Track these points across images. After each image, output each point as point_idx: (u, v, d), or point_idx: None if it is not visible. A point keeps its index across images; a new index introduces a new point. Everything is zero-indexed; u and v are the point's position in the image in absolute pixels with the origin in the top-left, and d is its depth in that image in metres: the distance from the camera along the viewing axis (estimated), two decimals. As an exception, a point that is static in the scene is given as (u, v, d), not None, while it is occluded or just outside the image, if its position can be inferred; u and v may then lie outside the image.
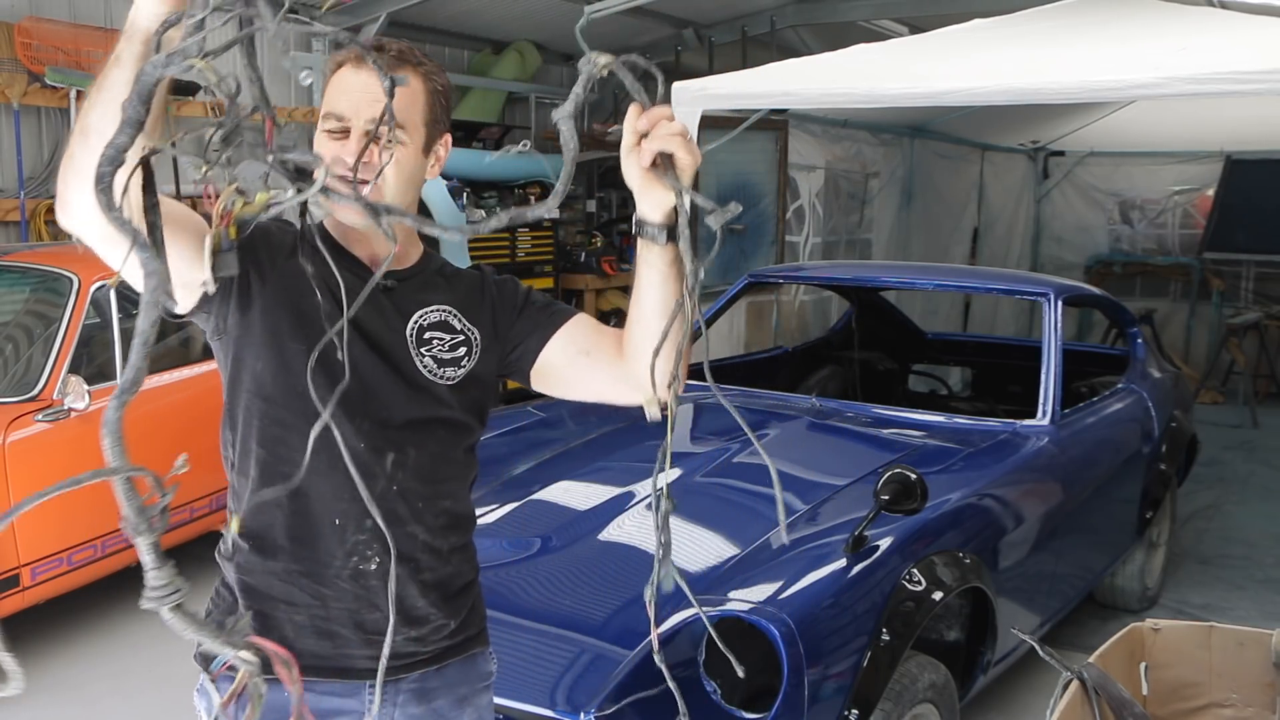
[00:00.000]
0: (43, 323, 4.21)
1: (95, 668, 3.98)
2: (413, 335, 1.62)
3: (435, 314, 1.65)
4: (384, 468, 1.57)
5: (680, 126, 1.30)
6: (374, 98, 1.51)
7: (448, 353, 1.64)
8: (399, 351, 1.60)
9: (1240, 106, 6.99)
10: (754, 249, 6.57)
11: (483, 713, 1.72)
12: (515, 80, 8.81)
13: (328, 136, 1.54)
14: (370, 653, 1.57)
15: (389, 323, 1.61)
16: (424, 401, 1.61)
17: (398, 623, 1.57)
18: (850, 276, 5.11)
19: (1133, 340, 4.91)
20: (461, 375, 1.64)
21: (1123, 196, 10.06)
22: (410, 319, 1.63)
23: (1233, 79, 4.18)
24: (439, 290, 1.67)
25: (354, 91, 1.53)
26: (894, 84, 5.04)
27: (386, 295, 1.62)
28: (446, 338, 1.64)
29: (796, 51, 7.67)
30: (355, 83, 1.54)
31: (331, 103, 1.56)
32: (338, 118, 1.54)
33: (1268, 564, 5.29)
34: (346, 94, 1.54)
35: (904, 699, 2.69)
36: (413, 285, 1.65)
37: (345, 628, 1.57)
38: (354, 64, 1.55)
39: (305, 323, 1.53)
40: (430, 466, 1.62)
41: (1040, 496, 3.57)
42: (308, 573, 1.56)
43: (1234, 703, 2.65)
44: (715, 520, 3.07)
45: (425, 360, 1.62)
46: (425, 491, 1.61)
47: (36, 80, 5.63)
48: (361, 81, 1.53)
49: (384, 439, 1.57)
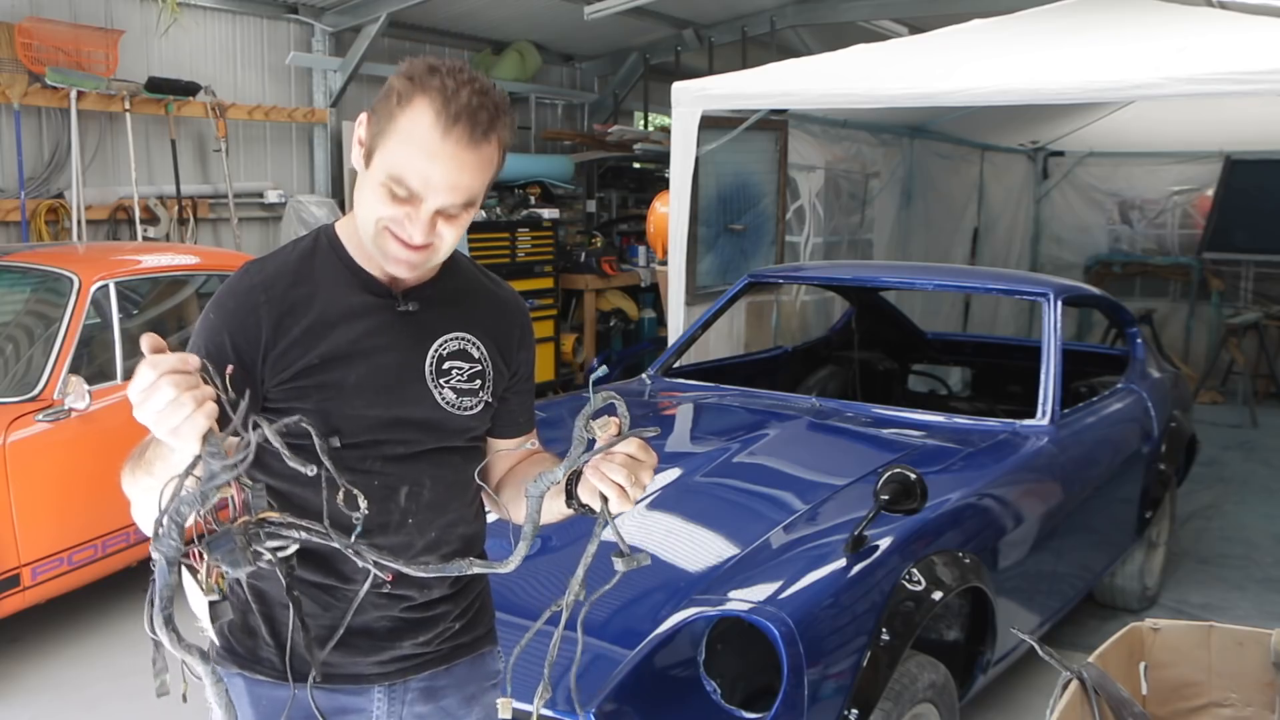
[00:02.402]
0: (43, 323, 4.21)
1: (95, 668, 3.98)
2: (433, 367, 1.56)
3: (455, 342, 1.59)
4: (398, 501, 1.54)
5: (623, 475, 1.39)
6: (454, 183, 1.40)
7: (466, 383, 1.59)
8: (418, 387, 1.55)
9: (1240, 106, 7.00)
10: (754, 249, 6.57)
11: (490, 711, 1.72)
12: (515, 80, 8.81)
13: (387, 193, 1.41)
14: (380, 658, 1.58)
15: (408, 354, 1.55)
16: (441, 434, 1.57)
17: (406, 630, 1.60)
18: (850, 277, 5.11)
19: (1132, 340, 4.91)
20: (479, 406, 1.61)
21: (1122, 197, 10.06)
22: (430, 349, 1.56)
23: (1233, 79, 4.18)
24: (460, 309, 1.61)
25: (434, 172, 1.39)
26: (894, 84, 5.05)
27: (407, 320, 1.55)
28: (465, 366, 1.59)
29: (796, 51, 7.67)
30: (437, 159, 1.39)
31: (402, 167, 1.39)
32: (409, 190, 1.40)
33: (1267, 564, 5.29)
34: (424, 171, 1.39)
35: (904, 699, 2.69)
36: (433, 306, 1.58)
37: (356, 637, 1.56)
38: (437, 122, 1.38)
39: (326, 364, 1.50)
40: (446, 496, 1.60)
41: (1040, 496, 3.57)
42: (325, 588, 1.54)
43: (1233, 702, 2.65)
44: (715, 520, 3.07)
45: (445, 393, 1.57)
46: (440, 520, 1.59)
47: (37, 80, 5.63)
48: (445, 158, 1.39)
49: (399, 473, 1.54)
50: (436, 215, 1.42)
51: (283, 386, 1.48)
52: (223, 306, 1.49)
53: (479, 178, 1.43)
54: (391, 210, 1.42)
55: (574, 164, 9.04)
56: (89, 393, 3.94)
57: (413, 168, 1.39)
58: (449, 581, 1.62)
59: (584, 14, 7.95)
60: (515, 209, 8.08)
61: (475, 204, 1.46)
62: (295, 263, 1.54)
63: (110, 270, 4.35)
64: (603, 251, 8.80)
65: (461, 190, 1.41)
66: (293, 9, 7.17)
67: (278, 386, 1.48)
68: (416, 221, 1.42)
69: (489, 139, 1.42)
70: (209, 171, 6.79)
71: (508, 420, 1.69)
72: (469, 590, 1.69)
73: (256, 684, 1.57)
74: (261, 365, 1.46)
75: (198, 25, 6.64)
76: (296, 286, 1.51)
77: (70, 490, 3.95)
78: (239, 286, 1.50)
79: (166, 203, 6.33)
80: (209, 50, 6.76)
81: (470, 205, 1.45)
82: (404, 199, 1.41)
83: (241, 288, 1.50)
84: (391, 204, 1.42)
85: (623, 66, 9.88)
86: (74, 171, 5.80)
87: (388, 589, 1.53)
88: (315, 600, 1.54)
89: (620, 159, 9.47)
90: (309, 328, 1.49)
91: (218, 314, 1.49)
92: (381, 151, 1.42)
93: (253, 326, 1.47)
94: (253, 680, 1.57)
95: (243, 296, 1.49)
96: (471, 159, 1.41)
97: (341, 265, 1.54)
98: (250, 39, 7.03)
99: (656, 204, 7.54)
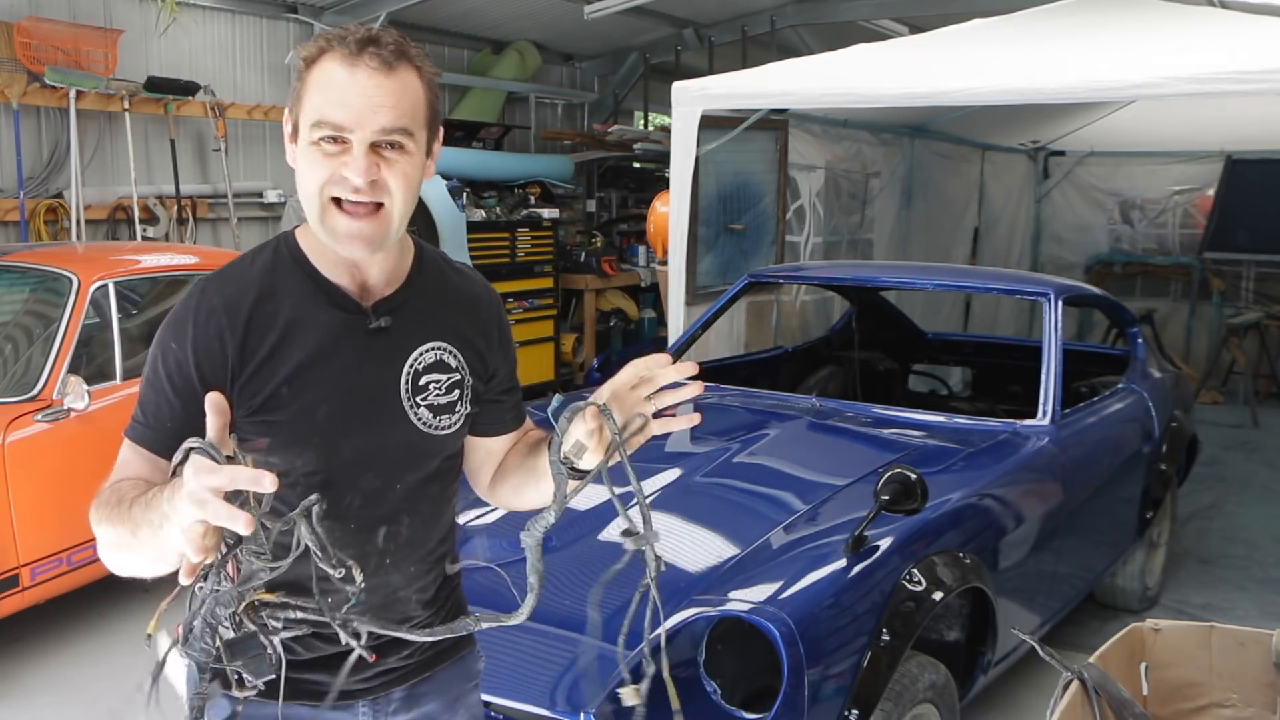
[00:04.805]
0: (42, 323, 4.21)
1: (95, 668, 3.98)
2: (408, 384, 1.49)
3: (432, 353, 1.52)
4: (375, 544, 1.47)
5: None
6: (378, 103, 1.35)
7: (443, 397, 1.52)
8: (393, 410, 1.48)
9: (1240, 106, 6.99)
10: (754, 249, 6.57)
11: (474, 710, 1.72)
12: (515, 80, 8.81)
13: (318, 150, 1.36)
14: (364, 675, 1.56)
15: (381, 375, 1.47)
16: (417, 460, 1.51)
17: (390, 648, 1.56)
18: (850, 276, 5.11)
19: (1133, 340, 4.90)
20: (457, 423, 1.54)
21: (1123, 196, 10.05)
22: (405, 364, 1.49)
23: (1233, 79, 4.18)
24: (433, 316, 1.54)
25: (352, 97, 1.34)
26: (894, 84, 5.04)
27: (378, 337, 1.46)
28: (442, 378, 1.52)
29: (796, 51, 7.67)
30: (352, 86, 1.35)
31: (321, 109, 1.35)
32: (334, 128, 1.35)
33: (1268, 564, 5.29)
34: (343, 100, 1.34)
35: (904, 699, 2.69)
36: (407, 317, 1.50)
37: (343, 659, 1.53)
38: (344, 60, 1.35)
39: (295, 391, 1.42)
40: (424, 531, 1.54)
41: (1040, 496, 3.57)
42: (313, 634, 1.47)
43: (1234, 703, 2.65)
44: (715, 520, 3.07)
45: (421, 412, 1.50)
46: (418, 554, 1.54)
47: (36, 80, 5.63)
48: (359, 84, 1.35)
49: (374, 515, 1.46)
50: (373, 152, 1.36)
51: (252, 419, 1.40)
52: (181, 332, 1.41)
53: (403, 101, 1.37)
54: (328, 166, 1.36)
55: (574, 164, 9.04)
56: (88, 393, 3.94)
57: (331, 102, 1.35)
58: (426, 600, 1.59)
59: (584, 13, 7.95)
60: (515, 209, 8.07)
61: (415, 145, 1.39)
62: (258, 279, 1.45)
63: (109, 270, 4.35)
64: (603, 251, 8.80)
65: (386, 111, 1.35)
66: (292, 8, 7.17)
67: (247, 418, 1.40)
68: (353, 163, 1.35)
69: (402, 62, 1.37)
70: (208, 171, 6.78)
71: (494, 419, 1.65)
72: (443, 600, 1.64)
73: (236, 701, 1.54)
74: (230, 391, 1.38)
75: (197, 25, 6.64)
76: (260, 304, 1.43)
77: (69, 490, 3.94)
78: (199, 310, 1.42)
79: (166, 202, 6.33)
80: (208, 50, 6.76)
81: (407, 137, 1.38)
82: (336, 145, 1.35)
83: (202, 311, 1.41)
84: (326, 160, 1.36)
85: (623, 66, 9.88)
86: (73, 171, 5.80)
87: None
88: (300, 642, 1.48)
89: (620, 159, 9.46)
90: (275, 349, 1.41)
91: (178, 341, 1.40)
92: (303, 114, 1.37)
93: (217, 353, 1.39)
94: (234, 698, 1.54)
95: (204, 321, 1.40)
96: (388, 83, 1.36)
97: (305, 277, 1.46)
98: (249, 38, 7.03)
99: (656, 204, 7.54)
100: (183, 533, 1.08)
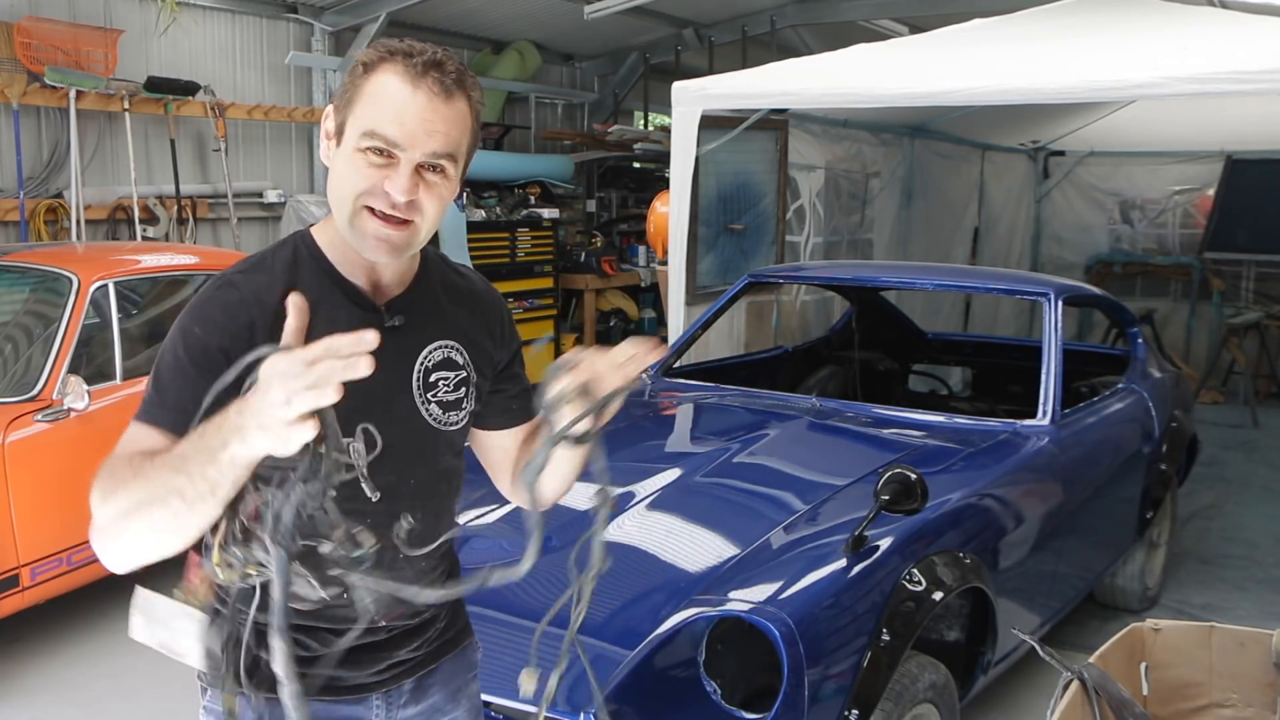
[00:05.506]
0: (42, 323, 4.21)
1: (95, 668, 3.98)
2: (419, 381, 1.53)
3: (440, 351, 1.56)
4: (390, 538, 1.47)
5: None
6: (432, 129, 1.38)
7: (452, 394, 1.56)
8: (406, 406, 1.52)
9: (1240, 106, 7.00)
10: (754, 249, 6.57)
11: (474, 699, 1.76)
12: (515, 80, 8.81)
13: (364, 159, 1.38)
14: (378, 668, 1.60)
15: (393, 373, 1.49)
16: (428, 457, 1.55)
17: (403, 639, 1.61)
18: (850, 276, 5.11)
19: (1133, 340, 4.90)
20: (463, 419, 1.59)
21: (1123, 196, 10.05)
22: (416, 361, 1.53)
23: (1233, 79, 4.18)
24: (441, 315, 1.58)
25: (409, 117, 1.37)
26: (894, 84, 5.04)
27: (392, 335, 1.47)
28: (451, 376, 1.56)
29: (796, 51, 7.68)
30: (411, 106, 1.37)
31: (377, 121, 1.37)
32: (386, 142, 1.37)
33: (1268, 564, 5.29)
34: (400, 118, 1.37)
35: (904, 699, 2.69)
36: (417, 316, 1.54)
37: (359, 651, 1.55)
38: (407, 77, 1.38)
39: None
40: (434, 525, 1.57)
41: (1040, 496, 3.57)
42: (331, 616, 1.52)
43: (1234, 703, 2.65)
44: (715, 520, 3.07)
45: (431, 408, 1.54)
46: (427, 547, 1.55)
47: (36, 80, 5.63)
48: (419, 105, 1.37)
49: (390, 510, 1.47)
50: (418, 172, 1.39)
51: None
52: (207, 318, 1.41)
53: (454, 129, 1.40)
54: (370, 177, 1.38)
55: (574, 164, 9.04)
56: (88, 393, 3.94)
57: (387, 117, 1.37)
58: (434, 585, 1.61)
59: (584, 13, 7.95)
60: (515, 209, 8.08)
61: (455, 170, 1.42)
62: (282, 274, 1.46)
63: (109, 270, 4.35)
64: (603, 251, 8.80)
65: (439, 137, 1.38)
66: (292, 8, 7.17)
67: None
68: (397, 179, 1.37)
69: (460, 91, 1.40)
70: (208, 171, 6.78)
71: (502, 411, 1.69)
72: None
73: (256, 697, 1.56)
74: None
75: (197, 25, 6.64)
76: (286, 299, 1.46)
77: (69, 490, 3.94)
78: (226, 299, 1.42)
79: (166, 202, 6.33)
80: (208, 50, 6.76)
81: (451, 163, 1.41)
82: (382, 158, 1.38)
83: (232, 300, 1.42)
84: (370, 170, 1.38)
85: (623, 66, 9.88)
86: (73, 171, 5.80)
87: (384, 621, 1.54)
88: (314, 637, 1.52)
89: (620, 159, 9.47)
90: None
91: (203, 326, 1.40)
92: (353, 119, 1.39)
93: (246, 342, 1.35)
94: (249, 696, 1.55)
95: (233, 310, 1.41)
96: (444, 109, 1.39)
97: (324, 275, 1.49)
98: (249, 38, 7.03)
99: (656, 204, 7.54)
100: (271, 425, 1.10)
